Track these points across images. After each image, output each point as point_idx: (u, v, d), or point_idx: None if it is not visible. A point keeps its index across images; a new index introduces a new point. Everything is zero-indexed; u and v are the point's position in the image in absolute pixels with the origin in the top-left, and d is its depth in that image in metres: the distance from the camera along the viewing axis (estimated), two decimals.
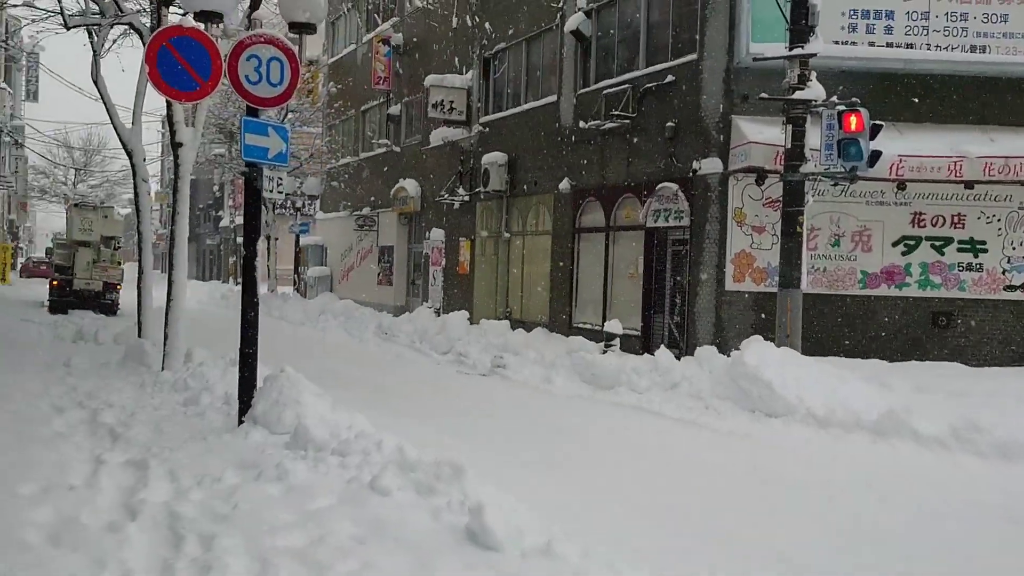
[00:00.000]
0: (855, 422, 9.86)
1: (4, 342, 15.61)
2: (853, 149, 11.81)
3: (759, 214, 14.46)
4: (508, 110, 21.39)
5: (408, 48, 26.80)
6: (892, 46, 14.50)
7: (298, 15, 8.02)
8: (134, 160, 14.31)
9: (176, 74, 7.35)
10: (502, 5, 21.65)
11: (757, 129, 13.87)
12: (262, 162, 7.87)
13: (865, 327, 14.74)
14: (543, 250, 19.85)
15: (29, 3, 14.85)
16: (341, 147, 32.53)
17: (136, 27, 13.70)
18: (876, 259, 14.79)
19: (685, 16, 15.54)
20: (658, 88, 15.87)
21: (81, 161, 53.94)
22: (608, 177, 17.39)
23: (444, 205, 24.00)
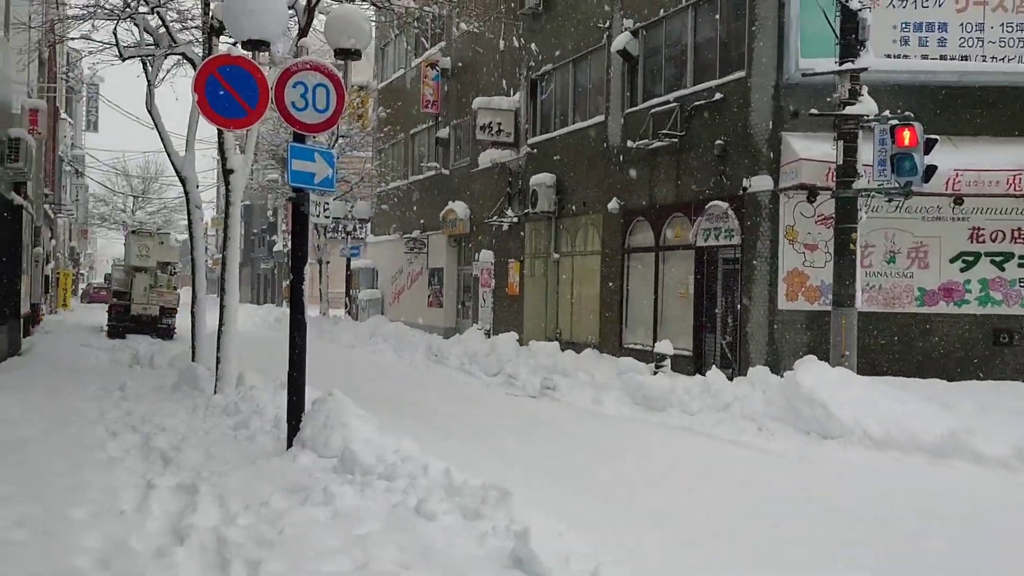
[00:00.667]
0: (914, 444, 9.61)
1: (64, 368, 15.93)
2: (907, 164, 11.59)
3: (811, 232, 14.23)
4: (556, 131, 21.40)
5: (456, 71, 26.99)
6: (946, 58, 14.22)
7: (344, 42, 8.10)
8: (187, 187, 14.55)
9: (224, 102, 7.45)
10: (548, 27, 21.71)
11: (808, 146, 13.67)
12: (309, 187, 7.93)
13: (923, 346, 14.41)
14: (592, 270, 19.76)
15: (87, 36, 15.21)
16: (391, 171, 32.81)
17: (189, 57, 13.97)
18: (934, 276, 14.46)
19: (733, 33, 15.43)
20: (706, 106, 15.75)
21: (139, 189, 55.16)
22: (657, 196, 17.27)
23: (493, 227, 24.05)
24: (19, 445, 8.33)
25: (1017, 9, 14.16)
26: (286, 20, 8.26)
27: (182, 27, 14.99)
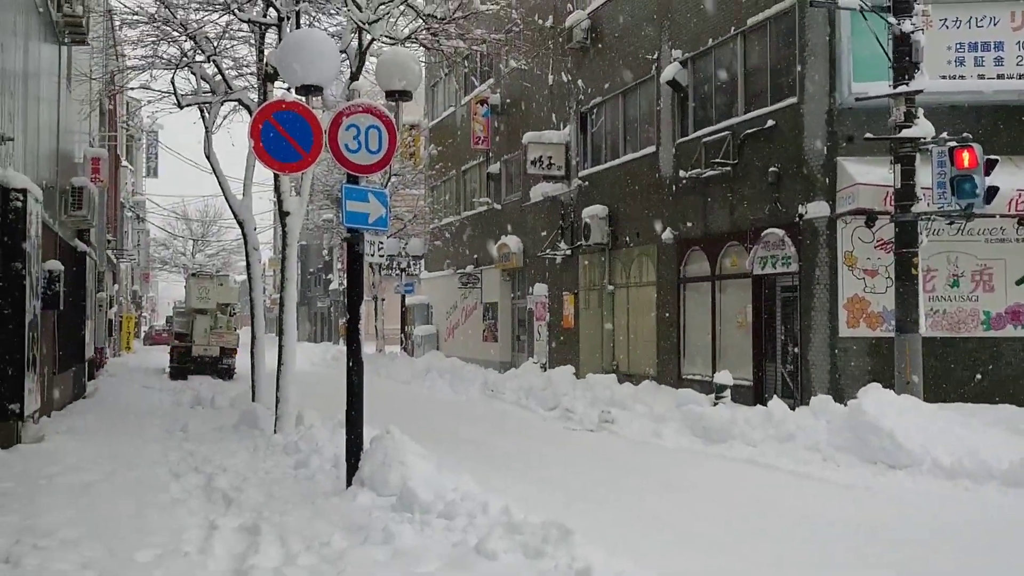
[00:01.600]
0: (985, 472, 9.33)
1: (128, 410, 16.21)
2: (967, 186, 11.36)
3: (871, 257, 13.99)
4: (607, 163, 21.40)
5: (505, 107, 27.19)
6: (1003, 77, 13.96)
7: (395, 84, 8.20)
8: (245, 230, 14.79)
9: (279, 146, 7.57)
10: (596, 61, 21.79)
11: (864, 170, 13.48)
12: (363, 227, 8.01)
13: (991, 370, 14.02)
14: (648, 301, 19.63)
15: (145, 85, 15.63)
16: (443, 207, 33.07)
17: (244, 103, 14.26)
18: (999, 299, 14.10)
19: (783, 60, 15.33)
20: (759, 133, 15.64)
21: (198, 232, 56.25)
22: (711, 225, 17.14)
23: (546, 260, 24.05)
24: (85, 488, 8.46)
25: None
26: (338, 65, 8.39)
27: (237, 74, 15.35)
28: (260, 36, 13.84)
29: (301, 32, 9.53)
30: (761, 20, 15.70)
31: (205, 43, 14.09)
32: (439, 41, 14.25)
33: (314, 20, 14.62)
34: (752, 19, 15.90)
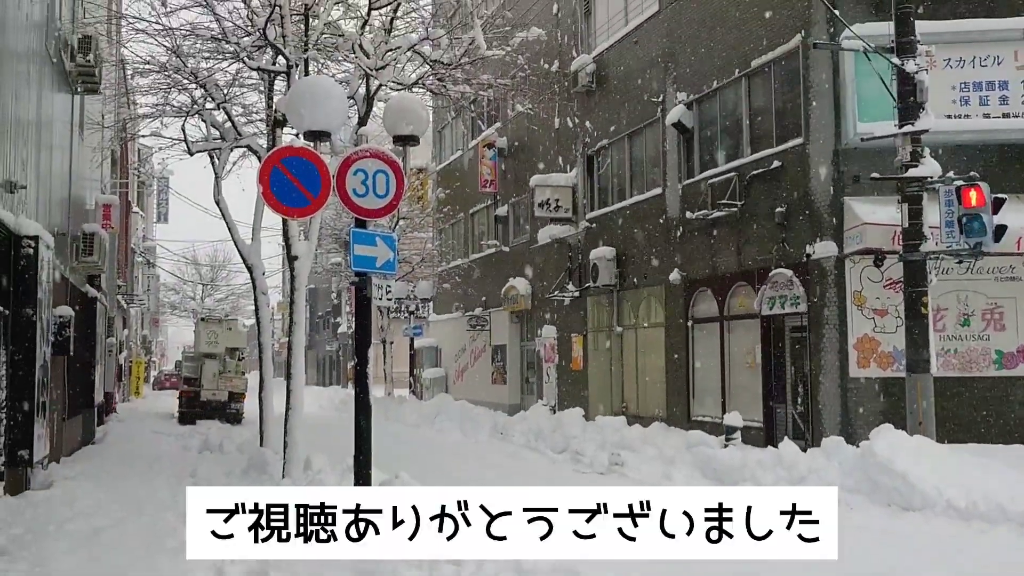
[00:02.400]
0: (1001, 514, 9.22)
1: (137, 455, 16.18)
2: (975, 225, 11.36)
3: (880, 296, 13.96)
4: (613, 205, 21.48)
5: (512, 150, 27.38)
6: (1008, 116, 14.02)
7: (402, 128, 8.26)
8: (254, 274, 14.84)
9: (288, 192, 7.61)
10: (602, 104, 21.96)
11: (871, 210, 13.50)
12: (371, 271, 8.03)
13: (1004, 410, 13.91)
14: (656, 343, 19.58)
15: (156, 133, 15.79)
16: (451, 250, 33.18)
17: (253, 148, 14.39)
18: (1011, 338, 14.03)
19: (788, 100, 15.43)
20: (765, 174, 15.70)
21: (208, 277, 56.56)
22: (719, 266, 17.14)
23: (555, 302, 24.06)
24: (95, 534, 8.42)
25: None
26: (346, 111, 8.47)
27: (247, 120, 15.52)
28: (269, 83, 14.01)
29: (309, 79, 9.64)
30: (765, 62, 15.83)
31: (215, 91, 14.25)
32: (446, 86, 14.39)
33: (322, 67, 14.80)
34: (756, 61, 16.03)
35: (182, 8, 13.56)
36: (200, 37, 13.78)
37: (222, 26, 13.39)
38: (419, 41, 13.04)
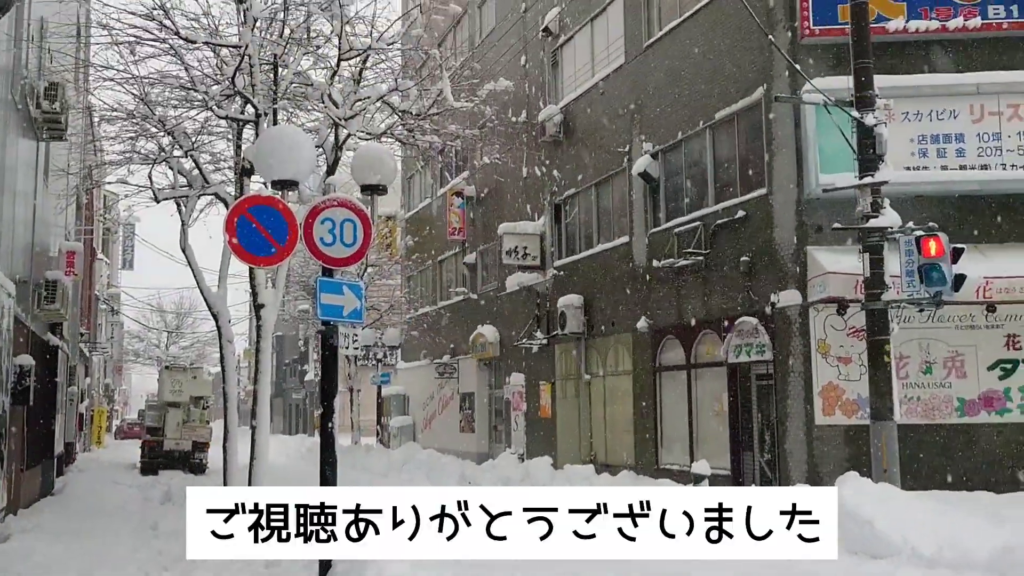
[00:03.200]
0: (966, 561, 9.26)
1: (97, 507, 15.85)
2: (935, 274, 11.54)
3: (844, 344, 14.11)
4: (581, 253, 21.62)
5: (481, 198, 27.53)
6: (966, 168, 14.33)
7: (370, 178, 8.31)
8: (219, 322, 14.69)
9: (254, 240, 7.61)
10: (569, 153, 22.20)
11: (834, 259, 13.69)
12: (338, 320, 8.01)
13: (967, 457, 14.03)
14: (624, 391, 19.61)
15: (123, 180, 15.70)
16: (420, 297, 33.14)
17: (221, 196, 14.35)
18: (972, 385, 14.21)
19: (751, 152, 15.69)
20: (730, 223, 15.90)
21: (173, 324, 55.94)
22: (686, 314, 17.26)
23: (523, 349, 24.05)
24: None
25: None
26: (314, 160, 8.50)
27: (215, 168, 15.46)
28: (238, 132, 14.01)
29: (277, 128, 9.68)
30: (729, 114, 16.11)
31: (183, 138, 14.22)
32: (414, 136, 14.49)
33: (292, 116, 14.84)
34: (720, 113, 16.31)
35: (151, 57, 13.57)
36: (168, 85, 13.78)
37: (191, 75, 13.41)
38: (388, 92, 13.15)
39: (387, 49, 13.33)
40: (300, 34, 12.99)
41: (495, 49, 25.00)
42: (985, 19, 14.49)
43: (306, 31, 13.08)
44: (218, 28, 13.50)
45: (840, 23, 13.93)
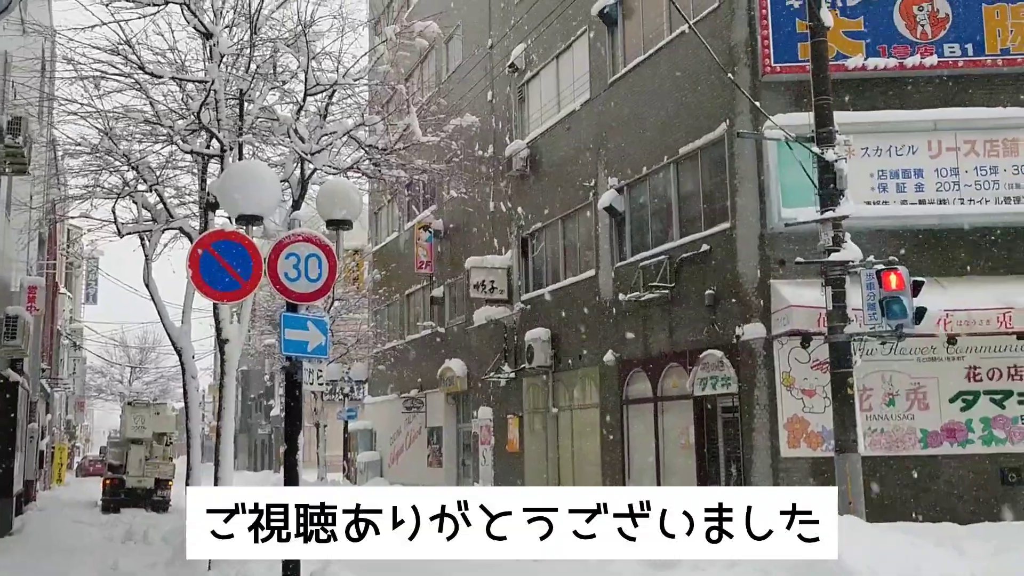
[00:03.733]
0: None
1: (56, 547, 15.53)
2: (896, 307, 11.69)
3: (808, 377, 14.22)
4: (548, 287, 21.68)
5: (448, 232, 27.56)
6: (925, 203, 14.59)
7: (335, 213, 8.32)
8: (183, 357, 14.56)
9: (218, 276, 7.56)
10: (536, 188, 22.32)
11: (797, 292, 13.84)
12: (302, 356, 7.97)
13: (931, 488, 14.15)
14: (592, 424, 19.61)
15: (86, 214, 15.57)
16: (387, 331, 33.01)
17: (185, 231, 14.28)
18: (935, 417, 14.36)
19: (715, 187, 15.86)
20: (694, 257, 16.03)
21: (136, 359, 55.28)
22: (652, 347, 17.34)
23: (490, 383, 24.00)
24: None
25: (988, 153, 14.63)
26: (279, 196, 8.50)
27: (180, 202, 15.40)
28: (203, 166, 13.98)
29: (242, 164, 9.67)
30: (692, 149, 16.31)
31: (148, 173, 14.16)
32: (381, 171, 14.53)
33: (257, 150, 14.84)
34: (684, 148, 16.51)
35: (116, 91, 13.53)
36: (133, 119, 13.74)
37: (156, 109, 13.39)
38: (355, 127, 13.20)
39: (353, 84, 13.40)
40: (266, 69, 13.04)
41: (462, 84, 25.17)
42: (941, 57, 14.83)
43: (272, 66, 13.12)
44: (184, 63, 13.53)
45: (800, 61, 14.19)
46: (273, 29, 13.28)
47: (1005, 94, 14.84)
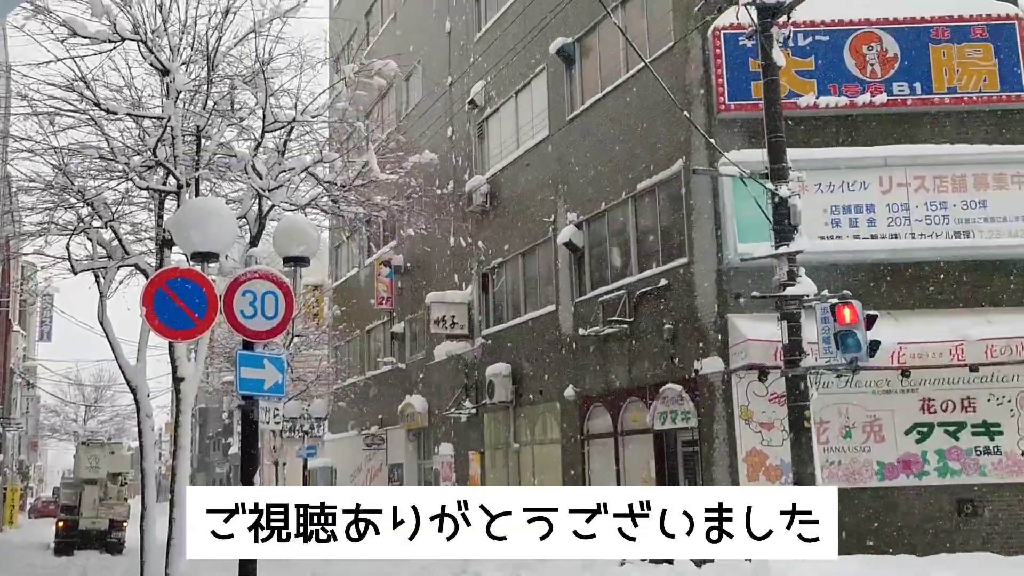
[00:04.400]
0: None
1: None
2: (851, 341, 11.82)
3: (766, 410, 14.33)
4: (509, 322, 21.69)
5: (408, 268, 27.53)
6: (877, 237, 14.83)
7: (292, 250, 8.29)
8: (138, 396, 14.34)
9: (172, 314, 7.48)
10: (496, 223, 22.40)
11: (753, 326, 13.97)
12: (258, 394, 7.90)
13: (888, 520, 14.27)
14: (553, 459, 19.56)
15: (39, 251, 15.36)
16: (347, 367, 32.79)
17: (141, 268, 14.12)
18: (891, 449, 14.51)
19: (672, 222, 16.03)
20: (653, 292, 16.15)
21: (91, 398, 54.34)
22: (612, 382, 17.38)
23: (452, 419, 23.89)
24: None
25: (937, 189, 14.94)
26: (235, 233, 8.44)
27: (136, 239, 15.25)
28: (159, 202, 13.87)
29: (198, 200, 9.62)
30: (650, 185, 16.49)
31: (103, 209, 14.02)
32: (340, 207, 14.51)
33: (215, 186, 14.76)
34: (641, 184, 16.68)
35: (70, 127, 13.42)
36: (88, 156, 13.62)
37: (111, 145, 13.28)
38: (313, 163, 13.19)
39: (312, 121, 13.41)
40: (224, 106, 13.01)
41: (422, 121, 25.28)
42: (891, 95, 15.16)
43: (230, 103, 13.10)
44: (141, 99, 13.46)
45: (754, 99, 14.41)
46: (231, 66, 13.27)
47: (953, 131, 15.20)
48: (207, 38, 12.85)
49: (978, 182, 14.89)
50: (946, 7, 15.43)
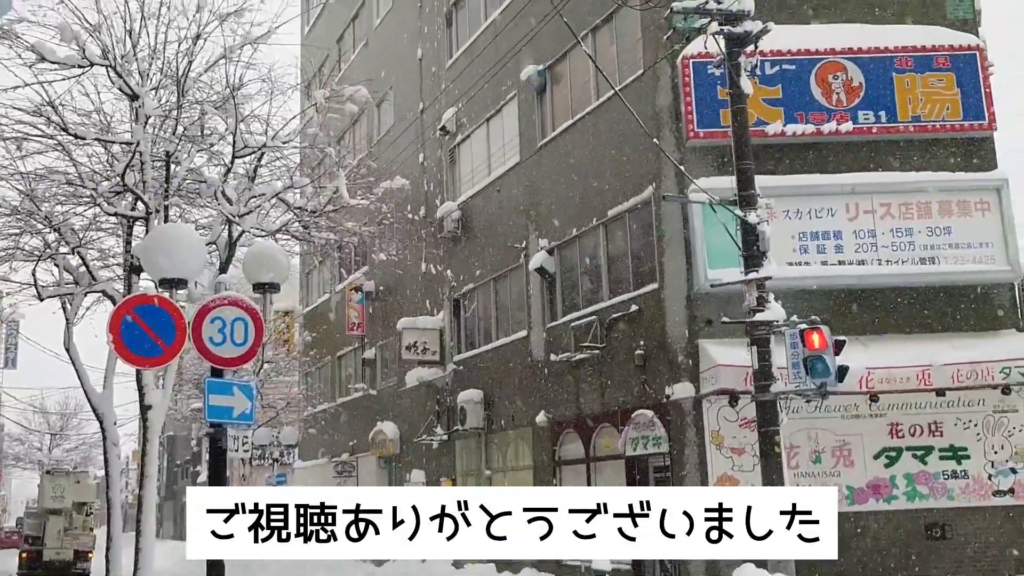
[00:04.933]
0: None
1: None
2: (819, 366, 11.90)
3: (736, 435, 14.37)
4: (480, 347, 21.66)
5: (380, 294, 27.46)
6: (844, 263, 14.99)
7: (262, 276, 8.26)
8: (104, 424, 14.14)
9: (140, 341, 7.42)
10: (468, 249, 22.42)
11: (724, 352, 14.04)
12: (227, 422, 7.83)
13: (859, 544, 14.32)
14: (525, 485, 19.46)
15: (5, 277, 15.15)
16: (318, 394, 32.56)
17: (109, 294, 13.97)
18: (860, 473, 14.59)
19: (643, 248, 16.12)
20: (624, 318, 16.20)
21: (57, 426, 53.51)
22: (584, 407, 17.38)
23: (423, 445, 23.76)
24: None
25: (903, 216, 15.15)
26: (204, 259, 8.40)
27: (103, 265, 15.09)
28: (128, 228, 13.75)
29: (166, 227, 9.55)
30: (620, 211, 16.58)
31: (70, 235, 13.87)
32: (310, 233, 14.46)
33: (184, 212, 14.67)
34: (612, 210, 16.78)
35: (38, 152, 13.30)
36: (56, 181, 13.49)
37: (79, 171, 13.17)
38: (283, 189, 13.15)
39: (283, 147, 13.39)
40: (194, 131, 12.96)
41: (393, 147, 25.32)
42: (856, 124, 15.37)
43: (200, 128, 13.06)
44: (110, 124, 13.38)
45: (723, 126, 14.56)
46: (201, 91, 13.24)
47: (917, 159, 15.44)
48: (177, 63, 12.83)
49: (943, 209, 15.11)
50: (909, 38, 15.71)
